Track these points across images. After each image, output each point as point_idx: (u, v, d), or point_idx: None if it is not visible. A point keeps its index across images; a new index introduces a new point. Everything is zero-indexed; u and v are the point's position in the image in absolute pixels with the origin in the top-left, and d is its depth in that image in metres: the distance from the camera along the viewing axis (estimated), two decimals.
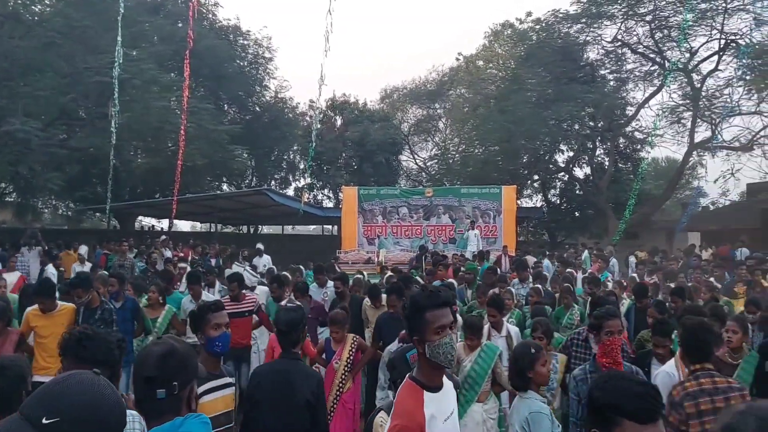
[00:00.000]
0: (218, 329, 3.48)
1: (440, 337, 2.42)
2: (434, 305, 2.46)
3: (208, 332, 3.46)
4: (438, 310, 2.46)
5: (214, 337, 3.46)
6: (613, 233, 22.28)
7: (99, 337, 2.68)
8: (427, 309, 2.46)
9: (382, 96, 37.19)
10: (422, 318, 2.46)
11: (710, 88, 24.62)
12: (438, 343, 2.41)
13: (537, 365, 3.60)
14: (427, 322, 2.44)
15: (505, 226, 20.60)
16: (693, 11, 22.15)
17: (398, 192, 22.24)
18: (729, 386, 3.23)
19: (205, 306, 3.61)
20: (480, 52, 30.68)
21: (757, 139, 23.45)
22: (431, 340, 2.42)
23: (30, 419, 1.22)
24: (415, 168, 35.75)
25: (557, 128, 26.24)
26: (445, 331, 2.45)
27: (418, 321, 2.48)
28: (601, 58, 26.97)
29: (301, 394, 3.57)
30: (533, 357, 3.62)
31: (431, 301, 2.47)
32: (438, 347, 2.42)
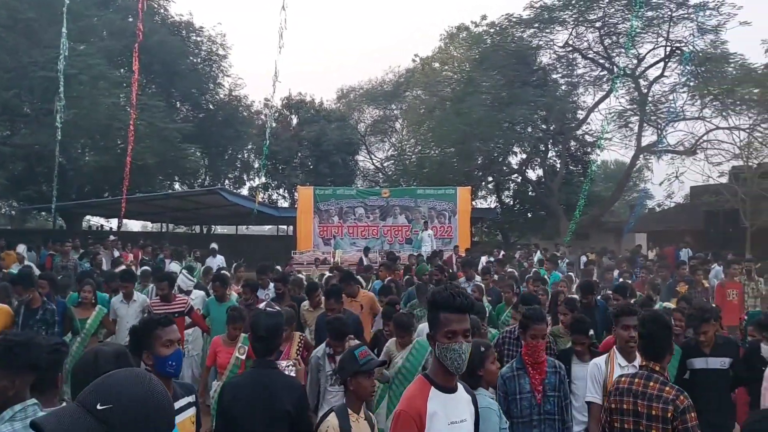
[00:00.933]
0: (170, 346, 3.00)
1: (449, 342, 2.39)
2: (450, 308, 2.41)
3: (159, 350, 2.97)
4: (452, 314, 2.40)
5: (166, 357, 2.97)
6: (565, 234, 22.81)
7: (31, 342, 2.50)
8: (441, 309, 2.42)
9: (338, 96, 37.15)
10: (437, 317, 2.44)
11: (656, 94, 25.55)
12: (446, 347, 2.39)
13: (487, 363, 3.61)
14: (440, 323, 2.42)
15: (460, 227, 20.87)
16: (640, 19, 22.90)
17: (355, 192, 22.23)
18: (658, 395, 3.09)
19: (153, 320, 3.12)
20: (436, 54, 30.96)
21: (699, 143, 24.39)
22: (441, 342, 2.40)
23: (85, 405, 1.31)
24: (372, 168, 35.82)
25: (511, 131, 26.71)
26: (456, 337, 2.39)
27: (433, 318, 2.46)
28: (553, 63, 27.61)
29: (282, 406, 3.24)
30: (483, 355, 3.60)
31: (447, 302, 2.42)
32: (446, 351, 2.40)
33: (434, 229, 20.21)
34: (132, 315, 7.03)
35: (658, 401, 3.08)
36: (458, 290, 2.47)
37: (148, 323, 3.13)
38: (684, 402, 3.05)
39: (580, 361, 4.79)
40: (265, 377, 3.34)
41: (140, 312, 7.06)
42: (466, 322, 2.43)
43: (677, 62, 24.07)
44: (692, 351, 5.03)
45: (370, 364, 3.40)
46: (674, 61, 24.38)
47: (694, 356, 4.98)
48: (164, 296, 6.99)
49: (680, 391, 3.14)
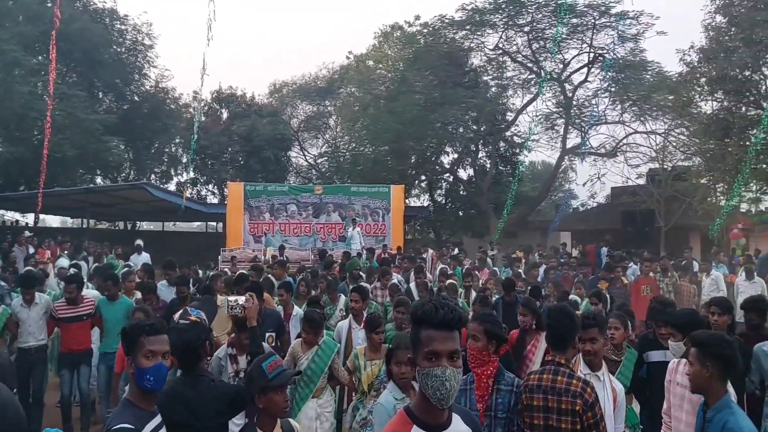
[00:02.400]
0: (152, 358, 2.74)
1: (431, 366, 1.94)
2: (431, 323, 1.98)
3: (139, 361, 2.73)
4: (435, 331, 1.97)
5: (145, 369, 2.72)
6: (494, 232, 23.40)
7: None
8: (422, 325, 2.01)
9: (270, 90, 36.55)
10: (417, 335, 2.02)
11: (580, 98, 26.62)
12: (426, 372, 1.94)
13: (392, 363, 3.59)
14: (420, 342, 1.99)
15: (393, 225, 21.00)
16: (565, 25, 23.80)
17: (287, 189, 21.94)
18: (566, 389, 3.10)
19: (139, 326, 2.83)
20: (370, 51, 31.03)
21: (620, 146, 25.62)
22: (421, 366, 1.97)
23: None
24: (305, 165, 35.49)
25: (443, 131, 27.12)
26: (440, 360, 1.94)
27: (414, 336, 2.04)
28: (484, 65, 28.24)
29: (206, 419, 3.06)
30: (389, 353, 3.61)
31: (428, 316, 1.99)
32: (426, 377, 1.94)
33: (368, 226, 20.29)
34: (35, 318, 6.67)
35: (566, 395, 3.09)
36: (444, 302, 2.04)
37: (134, 328, 2.83)
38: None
39: None
40: (186, 388, 3.16)
41: (44, 314, 6.72)
42: (452, 342, 1.97)
43: (599, 68, 25.17)
44: (650, 344, 5.00)
45: (282, 378, 3.01)
46: (597, 67, 25.48)
47: (652, 349, 4.95)
48: (72, 299, 6.73)
49: (586, 383, 3.17)
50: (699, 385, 3.19)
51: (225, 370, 4.65)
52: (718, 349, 3.13)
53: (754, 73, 20.11)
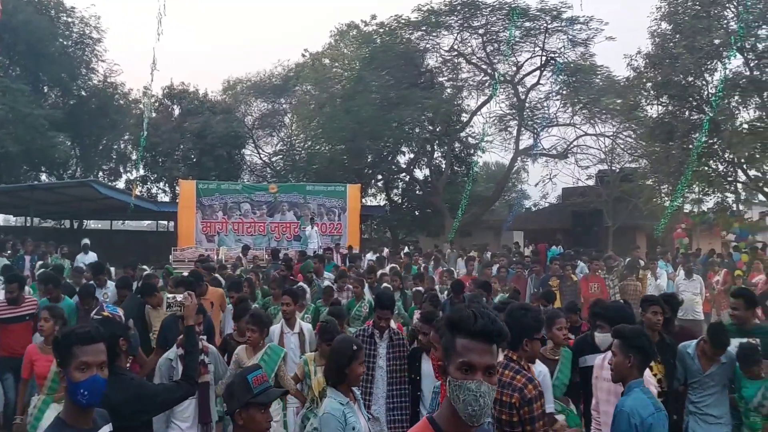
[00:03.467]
0: (85, 371, 2.42)
1: (464, 378, 1.82)
2: (469, 332, 1.86)
3: (72, 374, 2.41)
4: (471, 341, 1.85)
5: (77, 382, 2.41)
6: (449, 231, 23.67)
7: None
8: (458, 333, 1.88)
9: (224, 87, 35.91)
10: (452, 343, 1.90)
11: (533, 100, 27.17)
12: (459, 384, 1.81)
13: (355, 364, 3.52)
14: (454, 351, 1.87)
15: (349, 224, 20.96)
16: (519, 28, 24.26)
17: (240, 187, 21.62)
18: (509, 383, 3.22)
19: (72, 334, 2.49)
20: (326, 50, 30.89)
21: (570, 147, 26.29)
22: (453, 377, 1.84)
23: None
24: (260, 163, 35.04)
25: (399, 131, 27.26)
26: (474, 373, 1.81)
27: (447, 344, 1.93)
28: (440, 66, 28.50)
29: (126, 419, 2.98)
30: (352, 354, 3.52)
31: (466, 325, 1.87)
32: (458, 390, 1.81)
33: (323, 226, 20.17)
34: None
35: (508, 388, 3.20)
36: (484, 311, 1.91)
37: (65, 337, 2.50)
38: (532, 391, 3.18)
39: (427, 356, 4.79)
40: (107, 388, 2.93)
41: None
42: (489, 355, 1.85)
43: (551, 71, 25.75)
44: (587, 348, 4.92)
45: (268, 395, 2.73)
46: (549, 70, 26.06)
47: (589, 353, 4.87)
48: (14, 299, 6.43)
49: (530, 380, 3.27)
50: (621, 374, 3.44)
51: (176, 371, 4.56)
52: (638, 341, 3.39)
53: (697, 79, 20.93)
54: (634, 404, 3.24)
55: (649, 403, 3.26)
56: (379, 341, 4.89)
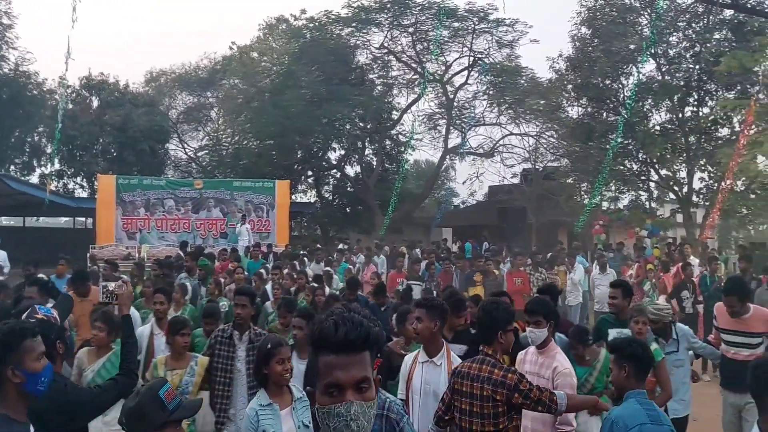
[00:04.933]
0: (42, 360, 2.54)
1: (332, 402, 1.47)
2: (331, 346, 1.50)
3: (30, 365, 2.48)
4: (335, 357, 1.49)
5: (38, 372, 2.49)
6: (380, 228, 23.78)
7: None
8: (320, 350, 1.52)
9: (147, 79, 34.51)
10: (315, 362, 1.55)
11: (461, 100, 27.69)
12: (327, 411, 1.47)
13: (272, 362, 3.40)
14: (319, 372, 1.51)
15: (278, 221, 20.66)
16: (447, 28, 24.67)
17: (164, 183, 20.87)
18: (488, 377, 3.30)
19: (22, 329, 2.55)
20: (254, 43, 30.24)
21: (496, 146, 27.00)
22: (321, 403, 1.50)
23: None
24: (185, 158, 33.95)
25: (330, 127, 27.12)
26: (343, 394, 1.47)
27: (311, 365, 1.80)
28: (370, 63, 28.55)
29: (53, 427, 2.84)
30: (267, 353, 3.41)
31: (327, 337, 1.51)
32: (327, 417, 1.47)
33: (251, 222, 19.79)
34: None
35: (488, 383, 3.29)
36: (347, 316, 1.54)
37: (14, 332, 2.52)
38: (513, 378, 3.28)
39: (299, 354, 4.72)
40: None
41: None
42: (358, 367, 1.49)
43: (478, 72, 26.33)
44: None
45: (185, 411, 2.43)
46: (476, 70, 26.64)
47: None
48: None
49: (507, 370, 3.35)
50: (620, 387, 3.36)
51: None
52: (630, 349, 3.34)
53: (614, 82, 22.01)
54: (621, 413, 3.17)
55: (641, 414, 3.11)
56: (238, 342, 4.62)
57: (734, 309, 5.12)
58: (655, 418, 3.09)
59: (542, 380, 3.80)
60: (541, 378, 3.85)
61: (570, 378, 3.80)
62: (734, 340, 5.22)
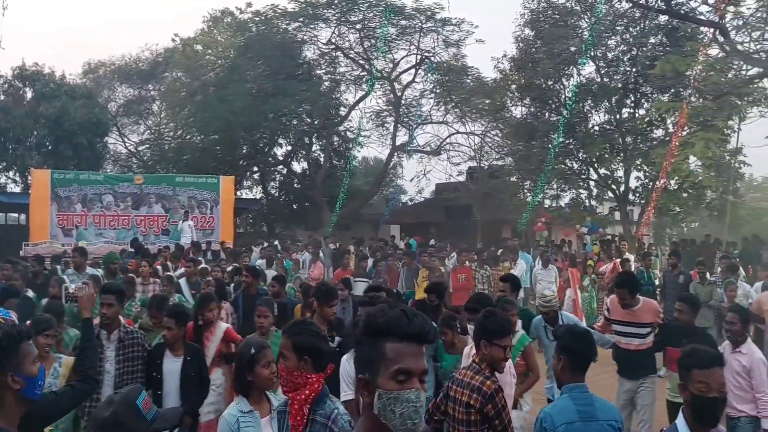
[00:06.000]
0: (37, 363, 2.49)
1: (401, 388, 1.52)
2: (401, 335, 1.55)
3: (28, 369, 2.41)
4: (405, 345, 1.54)
5: (35, 377, 2.44)
6: (328, 225, 23.70)
7: None
8: (388, 336, 1.55)
9: (84, 70, 33.14)
10: (377, 348, 1.55)
11: (408, 98, 27.86)
12: (396, 396, 1.51)
13: (258, 367, 3.19)
14: (384, 358, 1.54)
15: (222, 217, 20.28)
16: (395, 26, 24.78)
17: (102, 178, 20.14)
18: (469, 382, 3.34)
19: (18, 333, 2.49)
20: (198, 36, 29.52)
21: (443, 145, 27.31)
22: (386, 389, 1.52)
23: None
24: (125, 153, 32.85)
25: (276, 122, 26.81)
26: (411, 380, 1.53)
27: (369, 351, 1.58)
28: (318, 59, 28.34)
29: None
30: (251, 358, 3.20)
31: (398, 326, 1.55)
32: (395, 403, 1.50)
33: (195, 219, 19.35)
34: None
35: (468, 388, 3.35)
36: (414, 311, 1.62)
37: (11, 336, 2.43)
38: (491, 387, 3.29)
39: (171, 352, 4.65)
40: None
41: None
42: (423, 359, 1.58)
43: (425, 70, 26.55)
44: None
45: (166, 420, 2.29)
46: (423, 68, 26.85)
47: None
48: None
49: (487, 377, 3.36)
50: (557, 376, 3.46)
51: None
52: (565, 341, 3.32)
53: (556, 83, 22.61)
54: (551, 410, 3.15)
55: (570, 411, 3.06)
56: (107, 342, 4.45)
57: (625, 302, 5.40)
58: (587, 414, 3.05)
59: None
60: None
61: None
62: (626, 330, 5.50)
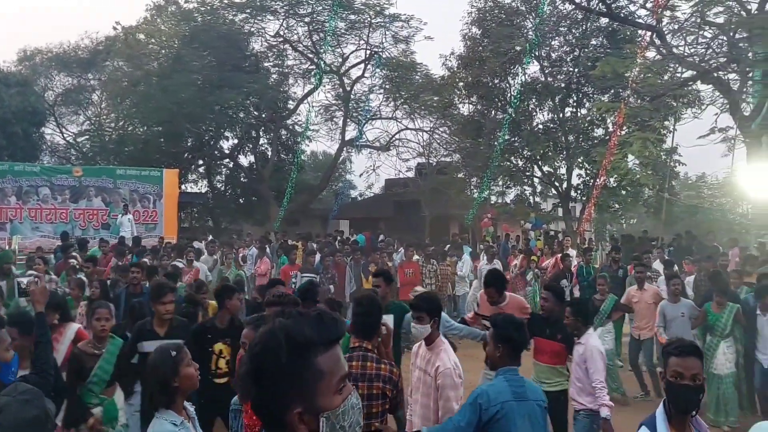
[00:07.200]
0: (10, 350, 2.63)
1: (344, 397, 1.37)
2: (327, 341, 1.38)
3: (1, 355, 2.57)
4: (332, 349, 1.38)
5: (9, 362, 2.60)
6: (275, 219, 23.45)
7: None
8: (318, 348, 1.36)
9: (20, 57, 31.55)
10: (310, 366, 1.35)
11: (358, 93, 27.83)
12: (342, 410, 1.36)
13: (181, 368, 3.00)
14: (322, 374, 1.35)
15: (166, 211, 19.79)
16: (344, 20, 24.69)
17: (38, 169, 19.32)
18: (377, 374, 3.35)
19: None
20: (141, 24, 28.58)
21: (393, 140, 27.44)
22: (332, 407, 1.35)
23: None
24: (63, 144, 31.56)
25: (222, 114, 26.30)
26: (347, 384, 1.40)
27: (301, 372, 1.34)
28: (265, 51, 27.94)
29: None
30: (176, 361, 2.99)
31: (327, 332, 1.38)
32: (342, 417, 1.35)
33: (136, 213, 18.83)
34: None
35: (378, 380, 3.32)
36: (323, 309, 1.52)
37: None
38: (397, 376, 3.37)
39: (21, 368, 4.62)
40: None
41: None
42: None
43: (375, 65, 26.59)
44: (146, 334, 4.83)
45: None
46: (372, 64, 26.87)
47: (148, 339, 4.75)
48: None
49: (392, 365, 3.41)
50: (493, 362, 3.52)
51: None
52: (505, 331, 3.47)
53: (502, 82, 23.03)
54: (488, 388, 3.28)
55: (506, 392, 3.23)
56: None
57: (492, 298, 5.65)
58: (521, 395, 3.25)
59: (428, 377, 3.86)
60: (427, 375, 3.89)
61: (450, 378, 3.77)
62: None
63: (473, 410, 3.18)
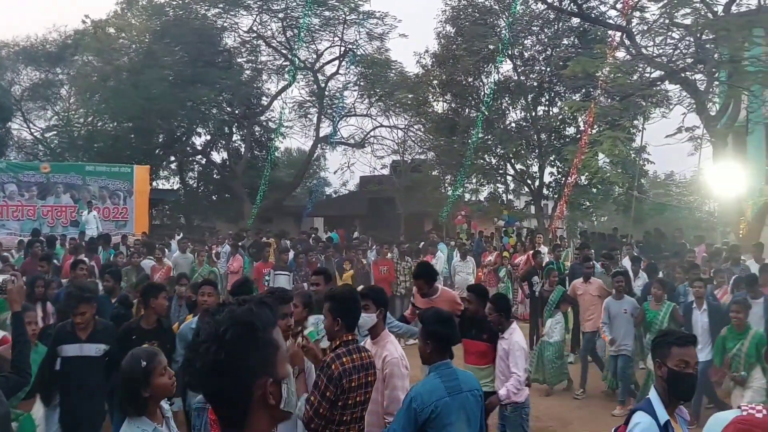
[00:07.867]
0: None
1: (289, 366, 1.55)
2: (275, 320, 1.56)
3: None
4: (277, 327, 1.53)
5: None
6: (248, 217, 23.28)
7: None
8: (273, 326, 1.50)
9: None
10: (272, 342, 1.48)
11: (332, 89, 27.73)
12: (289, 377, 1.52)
13: (153, 377, 2.87)
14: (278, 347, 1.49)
15: (137, 208, 19.57)
16: (318, 17, 24.58)
17: (4, 165, 19.01)
18: (369, 362, 3.50)
19: None
20: (111, 18, 28.05)
21: (367, 137, 27.42)
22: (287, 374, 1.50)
23: None
24: (30, 139, 30.83)
25: (195, 110, 26.01)
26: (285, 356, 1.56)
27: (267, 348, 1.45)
28: (238, 47, 27.67)
29: None
30: (147, 371, 2.86)
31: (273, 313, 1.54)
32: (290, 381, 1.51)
33: (106, 210, 18.55)
34: None
35: (371, 368, 3.49)
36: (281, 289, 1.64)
37: None
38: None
39: None
40: None
41: None
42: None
43: (349, 62, 26.52)
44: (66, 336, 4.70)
45: None
46: (347, 60, 26.80)
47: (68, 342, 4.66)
48: None
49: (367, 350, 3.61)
50: (424, 358, 3.55)
51: None
52: (431, 327, 3.50)
53: (475, 80, 23.19)
54: (421, 389, 3.28)
55: (439, 389, 3.25)
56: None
57: (423, 291, 5.69)
58: (454, 388, 3.28)
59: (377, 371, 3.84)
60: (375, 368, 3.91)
61: (397, 368, 3.77)
62: None
63: (408, 417, 3.21)
